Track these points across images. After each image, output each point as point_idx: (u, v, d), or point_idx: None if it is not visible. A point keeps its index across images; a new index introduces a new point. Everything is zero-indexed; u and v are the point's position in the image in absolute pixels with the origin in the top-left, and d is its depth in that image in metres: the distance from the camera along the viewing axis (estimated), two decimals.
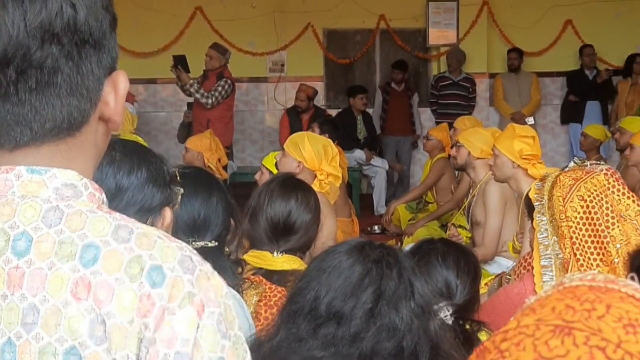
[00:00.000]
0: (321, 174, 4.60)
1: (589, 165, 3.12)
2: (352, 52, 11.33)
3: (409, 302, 1.74)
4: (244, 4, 10.92)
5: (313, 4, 10.96)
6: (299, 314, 1.73)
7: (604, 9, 11.12)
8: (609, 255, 2.86)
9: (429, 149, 8.01)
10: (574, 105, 10.87)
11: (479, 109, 10.99)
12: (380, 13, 11.07)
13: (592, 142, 8.31)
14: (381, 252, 1.80)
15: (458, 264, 2.57)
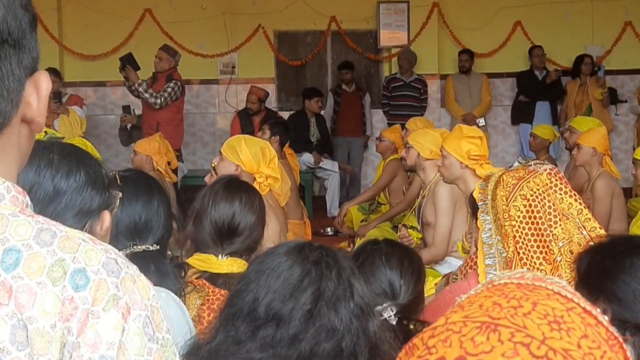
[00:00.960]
0: (260, 176, 4.59)
1: (533, 165, 3.15)
2: (304, 53, 11.34)
3: (348, 302, 1.73)
4: (194, 5, 10.87)
5: (263, 6, 10.95)
6: (238, 316, 1.72)
7: (553, 10, 11.26)
8: (552, 253, 2.89)
9: (381, 151, 8.04)
10: (524, 105, 10.97)
11: (431, 110, 11.05)
12: (331, 15, 11.10)
13: (541, 142, 8.40)
14: (320, 253, 1.79)
15: (402, 264, 2.56)
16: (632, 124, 11.27)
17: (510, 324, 0.91)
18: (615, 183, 6.42)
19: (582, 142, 6.43)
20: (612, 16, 11.33)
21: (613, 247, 2.35)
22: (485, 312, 0.93)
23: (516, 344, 0.89)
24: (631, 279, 2.16)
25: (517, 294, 0.96)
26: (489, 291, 0.98)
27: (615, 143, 11.23)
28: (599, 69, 11.04)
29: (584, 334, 0.92)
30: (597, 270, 2.27)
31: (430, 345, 0.93)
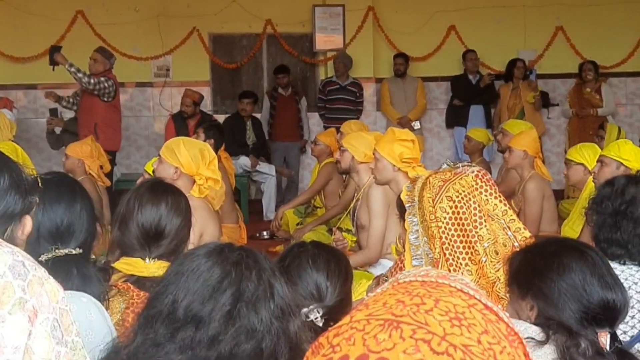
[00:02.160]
0: (200, 178, 4.56)
1: (460, 167, 3.18)
2: (239, 56, 11.31)
3: (269, 303, 1.72)
4: (127, 8, 10.77)
5: (198, 8, 10.90)
6: (157, 319, 1.70)
7: (486, 15, 11.42)
8: (477, 254, 2.93)
9: (317, 154, 8.06)
10: (458, 109, 11.08)
11: (367, 114, 11.11)
12: (266, 18, 11.10)
13: (476, 145, 8.50)
14: (240, 254, 1.78)
15: (328, 266, 2.57)
16: (563, 127, 11.48)
17: (413, 321, 0.92)
18: (546, 185, 6.52)
19: (514, 145, 6.52)
20: (544, 21, 11.54)
21: (544, 246, 2.40)
22: (389, 310, 0.94)
23: (417, 341, 0.89)
24: (558, 277, 2.22)
25: (420, 291, 0.97)
26: (394, 289, 0.99)
27: (547, 146, 11.44)
28: (531, 72, 11.21)
29: (484, 329, 0.93)
30: (527, 268, 2.32)
31: (335, 344, 0.93)
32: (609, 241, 2.89)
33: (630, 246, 2.84)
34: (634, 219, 2.83)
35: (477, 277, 2.91)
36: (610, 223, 2.88)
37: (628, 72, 11.81)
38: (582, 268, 2.21)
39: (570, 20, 11.57)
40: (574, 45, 11.61)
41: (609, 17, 11.56)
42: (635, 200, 2.85)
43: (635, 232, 2.82)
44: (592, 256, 2.25)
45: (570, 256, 2.26)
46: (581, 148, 6.06)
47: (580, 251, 2.28)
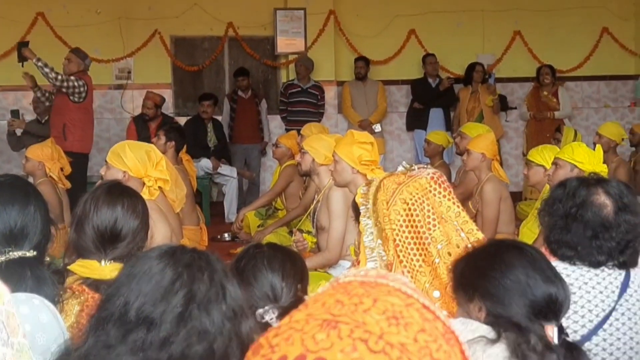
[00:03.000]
0: (149, 180, 4.56)
1: (415, 169, 3.21)
2: (201, 59, 11.28)
3: (220, 305, 1.74)
4: (89, 10, 10.70)
5: (160, 11, 10.87)
6: (108, 321, 1.71)
7: (445, 19, 11.51)
8: (430, 255, 2.96)
9: (278, 156, 8.08)
10: (419, 112, 11.15)
11: (328, 116, 11.14)
12: (228, 21, 11.09)
13: (435, 147, 8.57)
14: (192, 256, 1.80)
15: (284, 267, 2.59)
16: (521, 130, 11.60)
17: (350, 320, 0.94)
18: (503, 187, 6.60)
19: (472, 147, 6.58)
20: (502, 26, 11.66)
21: (484, 249, 2.45)
22: (327, 310, 0.96)
23: (355, 340, 0.92)
24: (502, 275, 2.27)
25: (359, 291, 0.99)
26: (333, 289, 1.01)
27: (505, 149, 11.56)
28: (490, 76, 11.32)
29: (421, 328, 0.96)
30: (471, 271, 2.36)
31: (274, 344, 0.95)
32: (559, 242, 2.93)
33: (580, 248, 2.88)
34: (583, 221, 2.87)
35: (430, 279, 2.94)
36: (561, 225, 2.92)
37: (584, 76, 11.98)
38: (524, 264, 2.28)
39: (528, 25, 11.70)
40: (531, 50, 11.74)
41: (566, 22, 11.72)
42: (586, 203, 2.89)
43: (585, 234, 2.86)
44: (531, 252, 2.33)
45: (510, 254, 2.33)
46: (542, 149, 6.14)
47: (519, 248, 2.36)
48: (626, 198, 2.89)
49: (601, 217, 2.85)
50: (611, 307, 2.82)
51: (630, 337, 2.80)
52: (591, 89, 12.10)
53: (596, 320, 2.80)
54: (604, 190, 2.90)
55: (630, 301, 2.84)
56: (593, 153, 5.45)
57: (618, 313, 2.82)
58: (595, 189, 2.91)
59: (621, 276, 2.87)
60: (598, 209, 2.86)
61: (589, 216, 2.86)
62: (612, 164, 7.97)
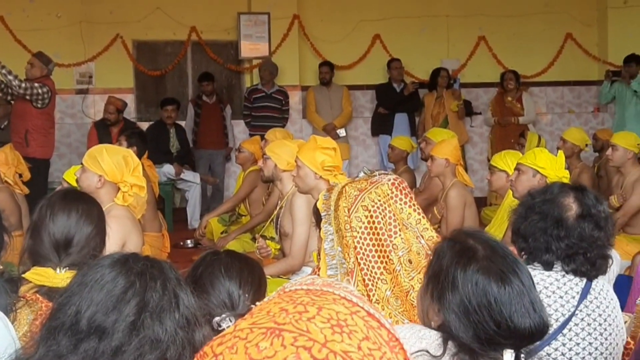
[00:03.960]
0: (124, 185, 4.50)
1: (377, 175, 3.20)
2: (164, 63, 11.21)
3: (173, 313, 1.71)
4: (49, 13, 10.60)
5: (122, 15, 10.79)
6: (60, 330, 1.68)
7: (410, 24, 11.55)
8: (392, 263, 2.95)
9: (241, 162, 8.05)
10: (383, 117, 11.17)
11: (292, 121, 11.13)
12: (191, 25, 11.04)
13: (399, 153, 8.59)
14: (145, 264, 1.77)
15: (241, 275, 2.56)
16: (486, 135, 11.67)
17: (294, 329, 0.93)
18: (467, 193, 6.62)
19: (435, 153, 6.60)
20: (467, 31, 11.72)
21: (471, 259, 2.24)
22: (272, 318, 0.95)
23: (298, 348, 0.91)
24: (473, 298, 2.10)
25: (304, 299, 0.98)
26: (279, 297, 1.00)
27: (470, 154, 11.62)
28: (455, 81, 11.38)
29: (365, 336, 0.95)
30: (445, 276, 2.20)
31: (218, 353, 0.94)
32: (517, 232, 2.96)
33: (531, 240, 2.88)
34: (541, 213, 2.89)
35: (391, 286, 2.93)
36: (523, 214, 2.94)
37: (548, 81, 12.08)
38: (502, 294, 2.08)
39: (492, 30, 11.78)
40: (495, 55, 11.82)
41: (530, 28, 11.82)
42: (552, 200, 2.90)
43: (537, 225, 2.87)
44: (516, 284, 2.10)
45: (490, 282, 2.11)
46: (505, 155, 6.15)
47: (502, 279, 2.11)
48: (595, 209, 2.89)
49: (560, 215, 2.86)
50: (571, 312, 2.82)
51: (589, 342, 2.80)
52: (555, 94, 12.20)
53: (555, 325, 2.80)
54: (576, 195, 2.91)
55: (590, 307, 2.85)
56: (555, 159, 5.47)
57: (577, 319, 2.82)
58: (568, 192, 2.93)
59: (582, 282, 2.87)
60: (560, 208, 2.88)
61: (548, 210, 2.88)
62: (576, 169, 8.04)
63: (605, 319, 2.86)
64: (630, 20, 11.71)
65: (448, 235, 2.32)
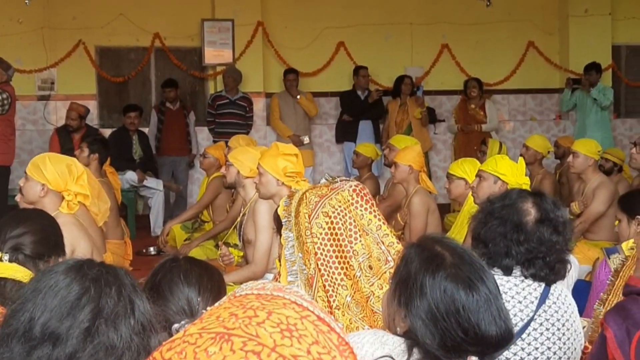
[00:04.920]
0: (68, 194, 4.47)
1: (338, 181, 3.21)
2: (127, 70, 11.15)
3: (129, 319, 1.70)
4: (10, 19, 10.50)
5: (84, 21, 10.72)
6: (13, 337, 1.65)
7: (374, 32, 11.60)
8: (352, 269, 2.95)
9: (205, 167, 8.02)
10: (348, 124, 11.19)
11: (257, 128, 11.11)
12: (154, 31, 10.99)
13: (364, 159, 8.61)
14: (100, 270, 1.75)
15: (200, 281, 2.55)
16: (449, 143, 11.74)
17: (244, 334, 0.92)
18: (430, 199, 6.65)
19: (398, 160, 6.63)
20: (430, 39, 11.79)
21: (439, 266, 2.22)
22: (221, 323, 0.94)
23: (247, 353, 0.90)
24: (442, 306, 2.09)
25: (254, 304, 0.97)
26: (229, 302, 0.99)
27: (434, 161, 11.69)
28: (418, 89, 11.42)
29: (315, 340, 0.95)
30: (414, 282, 2.19)
31: (167, 358, 0.93)
32: (477, 238, 2.97)
33: (491, 245, 2.90)
34: (501, 218, 2.91)
35: (352, 292, 2.93)
36: (483, 220, 2.96)
37: (511, 89, 12.18)
38: (470, 302, 2.08)
39: (456, 38, 11.86)
40: (459, 63, 11.90)
41: (493, 36, 11.92)
42: (511, 205, 2.93)
43: (497, 230, 2.89)
44: (484, 291, 2.11)
45: (459, 289, 2.10)
46: (462, 163, 6.20)
47: (469, 286, 2.11)
48: (553, 214, 2.92)
49: (519, 220, 2.89)
50: (530, 317, 2.84)
51: (547, 347, 2.83)
52: (517, 101, 12.30)
53: (514, 329, 2.82)
54: (534, 201, 2.94)
55: (548, 312, 2.87)
56: (516, 165, 5.52)
57: (536, 323, 2.84)
58: (527, 197, 2.96)
59: (540, 287, 2.90)
60: (519, 213, 2.91)
61: (507, 216, 2.90)
62: (538, 176, 8.12)
63: (564, 324, 2.88)
64: (590, 28, 11.85)
65: (416, 241, 2.32)
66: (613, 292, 3.39)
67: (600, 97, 10.85)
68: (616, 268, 3.56)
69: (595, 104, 10.92)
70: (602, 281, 3.79)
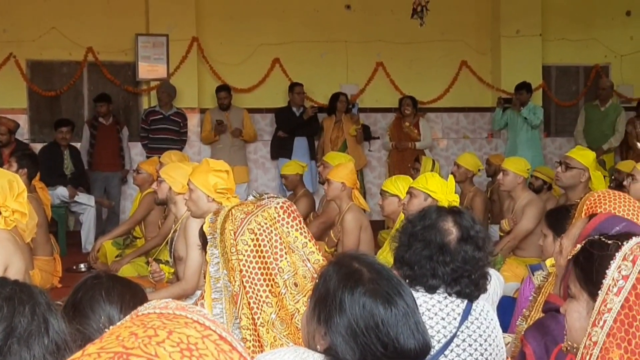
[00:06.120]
0: (6, 210, 4.39)
1: (265, 199, 3.21)
2: (59, 84, 10.99)
3: (42, 339, 1.67)
4: None
5: (15, 34, 10.56)
6: None
7: (310, 49, 11.65)
8: (277, 286, 2.95)
9: (138, 183, 7.95)
10: (283, 141, 11.20)
11: (191, 144, 11.06)
12: (88, 45, 10.87)
13: (292, 179, 8.60)
14: (13, 288, 1.72)
15: (122, 299, 2.52)
16: (384, 160, 11.82)
17: (143, 353, 0.92)
18: (363, 216, 6.67)
19: (331, 177, 6.65)
20: (365, 57, 11.89)
21: (358, 282, 2.25)
22: (120, 342, 0.94)
23: None
24: (362, 323, 2.11)
25: (156, 323, 0.97)
26: (131, 321, 0.99)
27: (368, 178, 11.76)
28: (354, 106, 11.49)
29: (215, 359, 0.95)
30: (332, 301, 2.21)
31: None
32: (402, 260, 2.98)
33: (417, 267, 2.92)
34: (424, 240, 2.93)
35: (277, 309, 2.93)
36: (405, 243, 2.98)
37: (444, 107, 12.34)
38: (389, 316, 2.11)
39: (390, 56, 11.97)
40: (393, 81, 12.01)
41: (427, 55, 12.06)
42: (433, 226, 2.95)
43: (422, 253, 2.92)
44: (402, 306, 2.14)
45: (377, 304, 2.12)
46: (395, 180, 6.25)
47: (388, 300, 2.13)
48: (473, 231, 2.96)
49: (443, 241, 2.92)
50: (452, 333, 2.87)
51: None
52: (451, 119, 12.46)
53: (438, 346, 2.84)
54: (453, 219, 2.97)
55: (471, 328, 2.90)
56: (446, 183, 5.58)
57: (459, 339, 2.87)
58: (446, 216, 2.98)
59: (463, 304, 2.93)
60: (442, 233, 2.93)
61: (431, 237, 2.92)
62: (469, 194, 8.21)
63: (486, 339, 2.92)
64: (522, 49, 12.08)
65: (333, 258, 2.33)
66: (535, 308, 3.44)
67: (531, 116, 11.04)
68: (539, 285, 3.62)
69: (526, 123, 11.12)
70: (526, 297, 3.85)
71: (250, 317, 2.87)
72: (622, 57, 12.71)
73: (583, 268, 2.13)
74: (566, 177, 6.49)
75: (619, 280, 1.90)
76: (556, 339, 2.54)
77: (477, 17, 12.29)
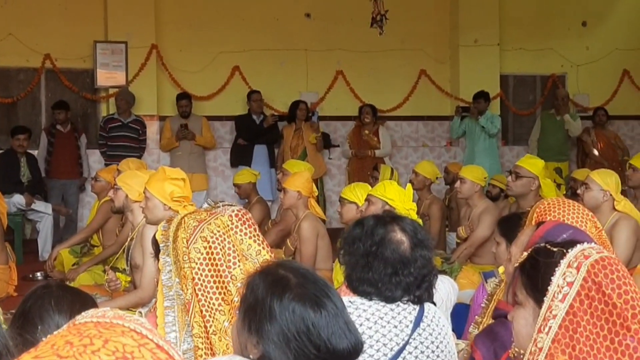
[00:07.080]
0: None
1: (220, 206, 3.20)
2: (16, 91, 10.89)
3: None
4: None
5: None
6: None
7: (269, 57, 11.66)
8: (230, 294, 2.95)
9: (97, 190, 7.90)
10: (243, 148, 11.19)
11: (150, 151, 11.01)
12: (45, 52, 10.78)
13: (245, 188, 8.60)
14: None
15: (72, 308, 2.50)
16: (344, 167, 11.86)
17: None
18: (320, 224, 6.69)
19: (287, 186, 6.67)
20: (325, 65, 11.92)
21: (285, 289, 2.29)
22: (55, 351, 0.94)
23: None
24: (292, 327, 2.12)
25: (92, 332, 0.97)
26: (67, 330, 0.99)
27: (328, 185, 11.78)
28: (313, 114, 11.53)
29: None
30: (261, 308, 2.25)
31: None
32: (361, 280, 2.97)
33: (380, 285, 2.93)
34: (384, 259, 2.93)
35: (229, 317, 2.93)
36: (362, 263, 2.96)
37: (404, 115, 12.40)
38: (319, 319, 2.12)
39: (350, 65, 12.02)
40: (353, 89, 12.06)
41: (386, 64, 12.12)
42: (384, 241, 2.95)
43: (386, 271, 2.92)
44: (331, 307, 2.15)
45: (307, 308, 2.14)
46: (354, 187, 6.28)
47: (317, 303, 2.15)
48: (420, 234, 2.98)
49: (399, 253, 2.92)
50: (405, 340, 2.89)
51: None
52: (410, 128, 12.53)
53: (390, 353, 2.86)
54: (399, 227, 2.98)
55: (423, 335, 2.92)
56: (404, 191, 5.61)
57: (411, 346, 2.89)
58: (392, 226, 2.98)
59: (415, 311, 2.94)
60: (396, 245, 2.93)
61: (388, 253, 2.93)
62: (427, 201, 8.26)
63: (438, 346, 2.94)
64: (480, 58, 12.19)
65: (258, 267, 2.35)
66: (487, 314, 3.48)
67: (488, 124, 11.15)
68: (491, 292, 3.65)
69: (484, 132, 11.22)
70: (479, 304, 3.89)
71: (203, 325, 2.87)
72: (578, 66, 12.88)
73: (529, 275, 2.16)
74: (517, 186, 6.59)
75: (564, 286, 1.93)
76: (505, 344, 2.57)
77: (436, 26, 12.38)
